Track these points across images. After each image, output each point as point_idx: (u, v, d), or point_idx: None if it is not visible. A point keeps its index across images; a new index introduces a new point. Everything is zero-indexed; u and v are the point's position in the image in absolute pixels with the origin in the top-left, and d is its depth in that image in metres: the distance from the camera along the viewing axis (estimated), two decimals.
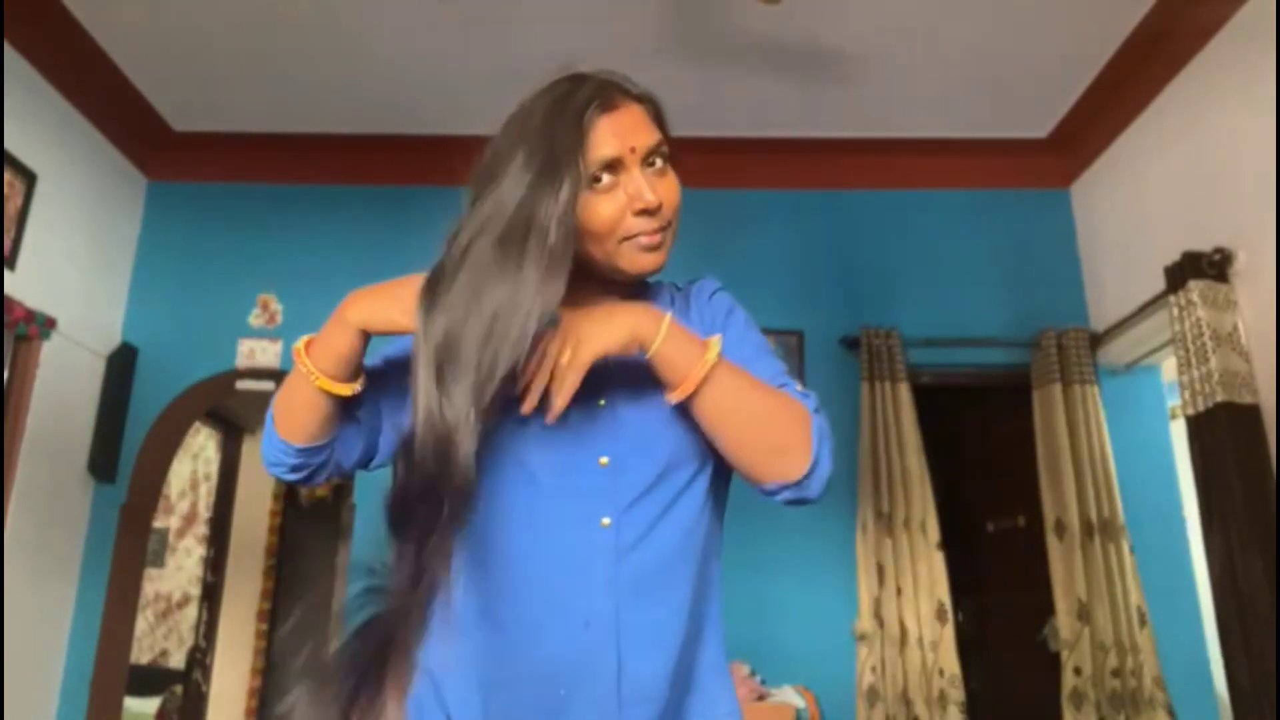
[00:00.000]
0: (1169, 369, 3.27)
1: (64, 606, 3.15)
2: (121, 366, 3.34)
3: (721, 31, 2.95)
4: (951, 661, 2.98)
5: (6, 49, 2.82)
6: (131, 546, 3.31)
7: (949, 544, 3.12)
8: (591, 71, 0.96)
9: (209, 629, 5.08)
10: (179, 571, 5.18)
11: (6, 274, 2.83)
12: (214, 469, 5.33)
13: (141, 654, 4.83)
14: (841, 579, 3.14)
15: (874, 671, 2.98)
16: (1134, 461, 3.19)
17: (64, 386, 3.10)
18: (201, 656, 4.98)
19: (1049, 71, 3.16)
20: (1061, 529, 3.10)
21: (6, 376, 2.88)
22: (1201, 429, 2.55)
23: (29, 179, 2.93)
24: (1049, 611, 3.11)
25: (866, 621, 3.03)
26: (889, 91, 3.28)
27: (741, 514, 1.03)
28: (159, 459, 3.46)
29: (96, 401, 3.27)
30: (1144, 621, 2.97)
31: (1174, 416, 3.28)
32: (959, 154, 3.57)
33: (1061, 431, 3.17)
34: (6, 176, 2.82)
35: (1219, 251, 2.62)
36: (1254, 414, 2.48)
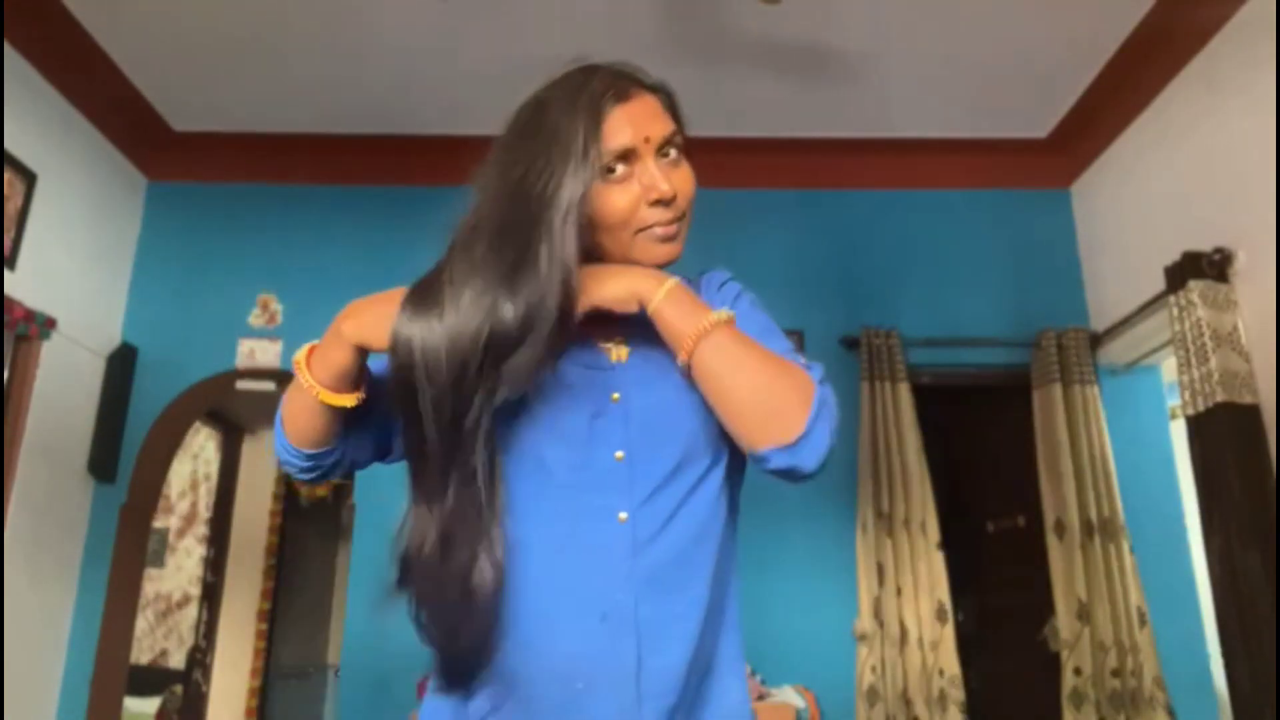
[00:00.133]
0: (1169, 369, 3.27)
1: (64, 606, 3.14)
2: (121, 366, 3.34)
3: (721, 31, 2.95)
4: (951, 661, 2.98)
5: (6, 49, 2.82)
6: (131, 546, 3.31)
7: (949, 544, 3.12)
8: (604, 63, 0.96)
9: (209, 629, 5.08)
10: (179, 571, 5.18)
11: (6, 274, 2.83)
12: (214, 469, 5.33)
13: (141, 654, 4.83)
14: (841, 579, 3.14)
15: (874, 671, 2.98)
16: (1134, 461, 3.19)
17: (64, 386, 3.10)
18: (201, 656, 4.99)
19: (1049, 71, 3.16)
20: (1061, 529, 3.10)
21: (6, 376, 2.88)
22: (1201, 429, 2.55)
23: (29, 179, 2.93)
24: (1049, 611, 3.11)
25: (866, 621, 3.03)
26: (889, 91, 3.28)
27: (742, 514, 1.03)
28: (159, 459, 3.46)
29: (96, 401, 3.27)
30: (1144, 621, 2.97)
31: (1174, 416, 3.28)
32: (959, 154, 3.57)
33: (1061, 431, 3.17)
34: (6, 176, 2.82)
35: (1219, 251, 2.62)
36: (1254, 414, 2.48)
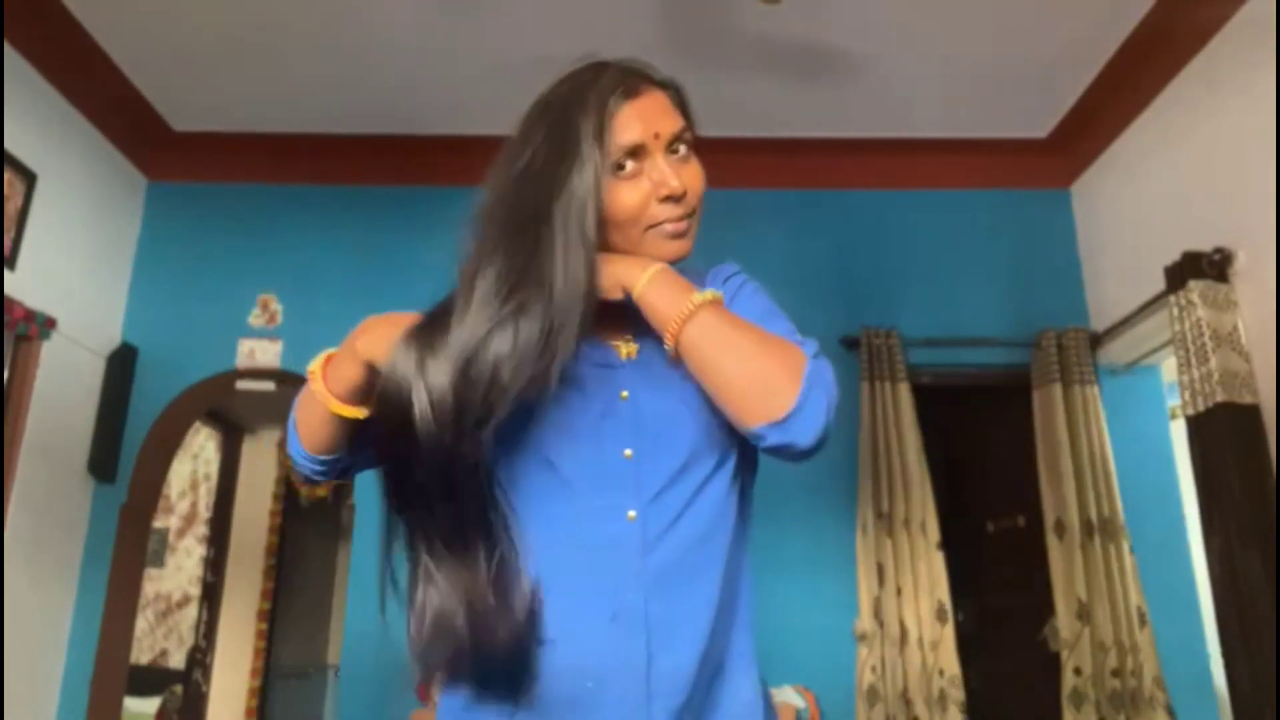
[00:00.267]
0: (1169, 369, 3.27)
1: (64, 606, 3.14)
2: (121, 366, 3.34)
3: (721, 31, 2.95)
4: (951, 661, 2.98)
5: (6, 49, 2.82)
6: (131, 546, 3.31)
7: (949, 544, 3.12)
8: (614, 59, 0.96)
9: (209, 629, 5.09)
10: (179, 571, 5.18)
11: (6, 274, 2.83)
12: (214, 469, 5.34)
13: (141, 654, 4.83)
14: (841, 579, 3.14)
15: (874, 671, 2.98)
16: (1134, 461, 3.19)
17: (64, 386, 3.10)
18: (201, 656, 4.99)
19: (1049, 71, 3.16)
20: (1061, 529, 3.10)
21: (6, 376, 2.88)
22: (1201, 429, 2.55)
23: (29, 179, 2.93)
24: (1049, 611, 3.11)
25: (866, 621, 3.03)
26: (889, 91, 3.28)
27: None
28: (159, 459, 3.46)
29: (96, 401, 3.27)
30: (1144, 621, 2.97)
31: (1174, 416, 3.28)
32: (959, 154, 3.57)
33: (1061, 431, 3.17)
34: (6, 176, 2.82)
35: (1219, 251, 2.62)
36: (1254, 414, 2.48)
